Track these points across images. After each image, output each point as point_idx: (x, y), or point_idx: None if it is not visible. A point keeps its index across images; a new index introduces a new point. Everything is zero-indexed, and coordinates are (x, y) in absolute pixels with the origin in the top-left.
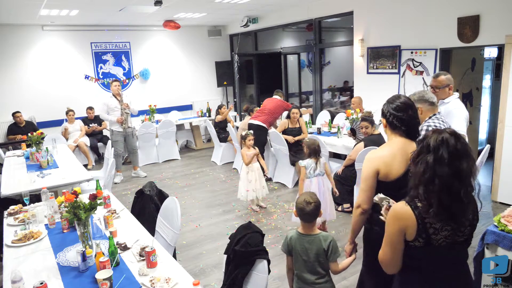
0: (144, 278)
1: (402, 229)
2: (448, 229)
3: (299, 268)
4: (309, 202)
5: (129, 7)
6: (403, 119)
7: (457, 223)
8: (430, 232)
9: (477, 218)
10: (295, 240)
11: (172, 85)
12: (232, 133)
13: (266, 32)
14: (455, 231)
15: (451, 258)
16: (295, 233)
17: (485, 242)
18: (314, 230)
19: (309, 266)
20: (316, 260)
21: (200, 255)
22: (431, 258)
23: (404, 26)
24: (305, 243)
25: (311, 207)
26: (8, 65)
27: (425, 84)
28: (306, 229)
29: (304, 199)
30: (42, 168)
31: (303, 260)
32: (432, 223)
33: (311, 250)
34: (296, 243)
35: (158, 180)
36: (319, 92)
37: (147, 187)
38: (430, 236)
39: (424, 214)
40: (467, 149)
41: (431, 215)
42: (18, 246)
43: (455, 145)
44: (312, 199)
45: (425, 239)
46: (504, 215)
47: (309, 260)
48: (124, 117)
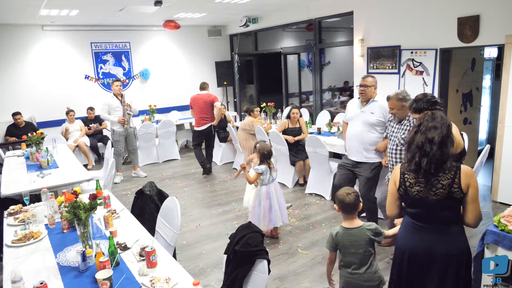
0: (144, 278)
1: (394, 180)
2: (421, 185)
3: (348, 261)
4: (349, 193)
5: (129, 7)
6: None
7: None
8: (407, 185)
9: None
10: (342, 235)
11: (172, 85)
12: (232, 133)
13: (266, 32)
14: (427, 188)
15: (428, 211)
16: (341, 229)
17: (485, 242)
18: (357, 222)
19: (359, 258)
20: (365, 251)
21: (200, 255)
22: (412, 206)
23: (404, 26)
24: (352, 237)
25: (352, 198)
26: (8, 65)
27: (425, 84)
28: (349, 222)
29: (344, 191)
30: (42, 168)
31: (352, 253)
32: (408, 179)
33: (359, 242)
34: (344, 238)
35: (158, 180)
36: (319, 92)
37: (147, 187)
38: (407, 187)
39: (404, 170)
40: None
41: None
42: (18, 246)
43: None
44: (351, 190)
45: (404, 190)
46: (504, 215)
47: (358, 252)
48: (126, 118)
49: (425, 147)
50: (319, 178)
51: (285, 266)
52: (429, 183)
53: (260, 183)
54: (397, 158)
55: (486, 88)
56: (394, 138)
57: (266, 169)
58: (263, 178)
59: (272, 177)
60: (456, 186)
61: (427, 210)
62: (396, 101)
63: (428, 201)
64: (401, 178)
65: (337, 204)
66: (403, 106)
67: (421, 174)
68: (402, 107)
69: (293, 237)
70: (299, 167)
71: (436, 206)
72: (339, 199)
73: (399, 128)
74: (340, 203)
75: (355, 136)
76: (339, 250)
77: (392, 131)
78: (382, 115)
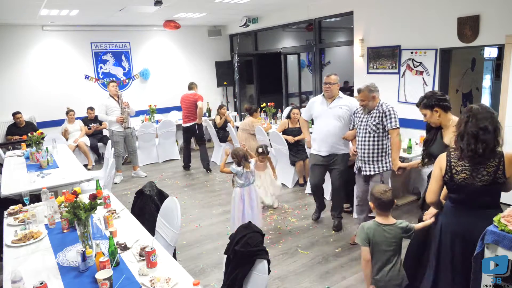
0: (144, 278)
1: (440, 167)
2: (467, 172)
3: (377, 257)
4: (385, 191)
5: (129, 7)
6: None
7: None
8: (453, 172)
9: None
10: (375, 230)
11: (172, 85)
12: (232, 133)
13: (266, 32)
14: (472, 175)
15: (471, 196)
16: (374, 224)
17: (485, 242)
18: (391, 219)
19: (387, 256)
20: (394, 249)
21: (200, 255)
22: (456, 191)
23: (404, 26)
24: (385, 233)
25: (389, 195)
26: (8, 65)
27: (425, 84)
28: (384, 219)
29: (380, 189)
30: (42, 168)
31: (382, 250)
32: (454, 166)
33: (392, 239)
34: (375, 234)
35: (158, 180)
36: (319, 92)
37: (147, 187)
38: (453, 174)
39: (451, 158)
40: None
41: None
42: (18, 246)
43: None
44: (387, 188)
45: (450, 177)
46: (504, 215)
47: (388, 249)
48: (124, 115)
49: (480, 135)
50: None
51: (285, 266)
52: (475, 170)
53: (235, 185)
54: (370, 145)
55: (486, 88)
56: (365, 127)
57: (241, 172)
58: (237, 180)
59: (248, 180)
60: (500, 172)
61: (470, 195)
62: (368, 93)
63: (473, 187)
64: (448, 165)
65: (372, 202)
66: (373, 97)
67: (475, 160)
68: (372, 98)
69: (293, 237)
70: (299, 167)
71: (479, 192)
72: (376, 197)
73: (369, 117)
74: (377, 200)
75: (328, 132)
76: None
77: (361, 121)
78: (349, 109)
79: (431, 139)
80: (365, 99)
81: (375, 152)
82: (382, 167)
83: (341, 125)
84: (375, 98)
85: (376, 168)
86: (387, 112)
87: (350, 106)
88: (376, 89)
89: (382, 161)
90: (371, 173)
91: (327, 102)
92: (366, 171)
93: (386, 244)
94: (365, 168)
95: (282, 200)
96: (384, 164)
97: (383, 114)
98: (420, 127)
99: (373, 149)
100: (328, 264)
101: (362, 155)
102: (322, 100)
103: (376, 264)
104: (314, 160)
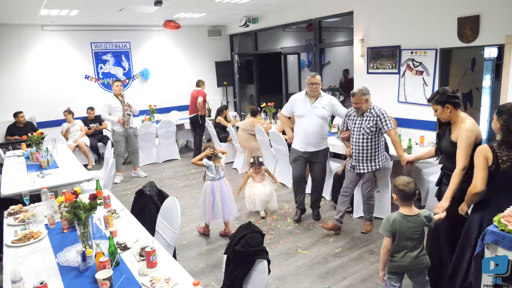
0: (144, 278)
1: (485, 156)
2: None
3: (403, 246)
4: (408, 182)
5: (129, 7)
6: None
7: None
8: (499, 162)
9: None
10: (400, 222)
11: (172, 85)
12: (232, 133)
13: (266, 32)
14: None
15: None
16: (399, 215)
17: (485, 242)
18: (415, 209)
19: (413, 243)
20: (420, 236)
21: (200, 255)
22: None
23: (404, 26)
24: (410, 223)
25: (412, 186)
26: (8, 65)
27: (425, 84)
28: (408, 210)
29: (403, 181)
30: (42, 168)
31: (408, 238)
32: (500, 156)
33: (417, 228)
34: (402, 225)
35: (158, 180)
36: None
37: (147, 187)
38: (499, 164)
39: (497, 150)
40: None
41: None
42: (18, 246)
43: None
44: (410, 180)
45: (496, 166)
46: (504, 215)
47: (413, 237)
48: (126, 118)
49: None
50: None
51: (285, 266)
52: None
53: (207, 178)
54: (364, 146)
55: (486, 88)
56: (359, 129)
57: (212, 166)
58: (209, 174)
59: (219, 175)
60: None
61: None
62: (361, 96)
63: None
64: (494, 156)
65: (396, 194)
66: (366, 100)
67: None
68: (366, 101)
69: (293, 237)
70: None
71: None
72: (399, 188)
73: (362, 120)
74: (400, 192)
75: (312, 129)
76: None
77: (354, 123)
78: (331, 108)
79: (442, 134)
80: (358, 102)
81: (369, 152)
82: (375, 166)
83: (323, 123)
84: (367, 101)
85: (369, 167)
86: (381, 115)
87: (332, 105)
88: (368, 92)
89: (375, 159)
90: (364, 171)
91: (310, 100)
92: (360, 169)
93: (411, 233)
94: (359, 167)
95: (282, 200)
96: (377, 163)
97: (377, 118)
98: (420, 127)
99: (367, 149)
100: (328, 264)
101: (357, 155)
102: (304, 98)
103: (403, 251)
104: (296, 154)
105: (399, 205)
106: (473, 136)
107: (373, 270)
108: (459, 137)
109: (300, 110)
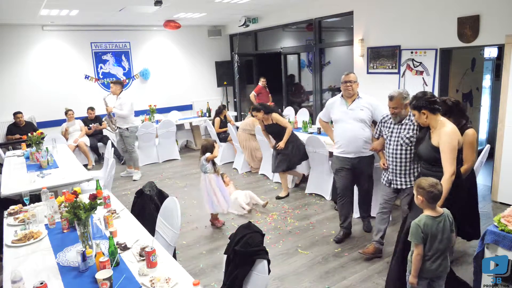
0: (144, 278)
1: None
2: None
3: (436, 248)
4: (436, 183)
5: (129, 7)
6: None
7: None
8: None
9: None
10: (430, 225)
11: (172, 85)
12: (232, 133)
13: (266, 32)
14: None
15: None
16: (427, 218)
17: (485, 242)
18: (439, 209)
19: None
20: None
21: (200, 255)
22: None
23: (404, 26)
24: (439, 224)
25: (440, 188)
26: (8, 65)
27: (425, 84)
28: (434, 211)
29: (430, 182)
30: (42, 168)
31: (440, 239)
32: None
33: (446, 226)
34: (432, 227)
35: (158, 180)
36: (319, 92)
37: (147, 187)
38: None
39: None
40: None
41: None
42: (18, 246)
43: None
44: (435, 181)
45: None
46: (504, 215)
47: (444, 237)
48: (106, 121)
49: None
50: (319, 178)
51: (285, 266)
52: None
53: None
54: (402, 157)
55: (486, 88)
56: (396, 139)
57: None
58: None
59: (211, 169)
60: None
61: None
62: (402, 100)
63: None
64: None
65: (422, 196)
66: (406, 106)
67: None
68: (405, 106)
69: (293, 237)
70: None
71: None
72: (427, 190)
73: (401, 128)
74: (429, 194)
75: (353, 135)
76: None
77: (391, 132)
78: (370, 111)
79: (421, 138)
80: (397, 107)
81: (407, 164)
82: (414, 180)
83: (361, 127)
84: (407, 107)
85: (408, 182)
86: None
87: (372, 107)
88: (409, 96)
89: (415, 173)
90: (402, 187)
91: (346, 103)
92: (397, 184)
93: (442, 233)
94: (395, 181)
95: (282, 200)
96: (416, 177)
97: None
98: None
99: (405, 161)
100: (328, 264)
101: (394, 167)
102: (340, 101)
103: (435, 255)
104: (340, 163)
105: (424, 208)
106: (455, 139)
107: (373, 270)
108: (441, 142)
109: (336, 114)
